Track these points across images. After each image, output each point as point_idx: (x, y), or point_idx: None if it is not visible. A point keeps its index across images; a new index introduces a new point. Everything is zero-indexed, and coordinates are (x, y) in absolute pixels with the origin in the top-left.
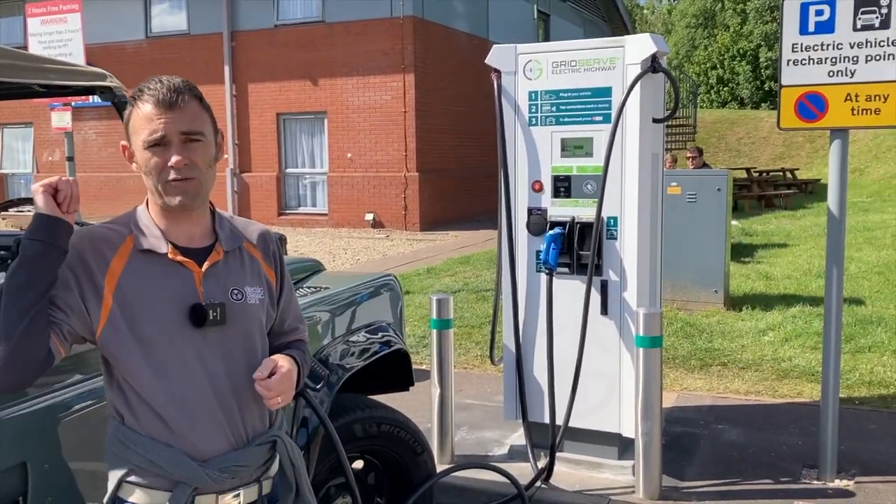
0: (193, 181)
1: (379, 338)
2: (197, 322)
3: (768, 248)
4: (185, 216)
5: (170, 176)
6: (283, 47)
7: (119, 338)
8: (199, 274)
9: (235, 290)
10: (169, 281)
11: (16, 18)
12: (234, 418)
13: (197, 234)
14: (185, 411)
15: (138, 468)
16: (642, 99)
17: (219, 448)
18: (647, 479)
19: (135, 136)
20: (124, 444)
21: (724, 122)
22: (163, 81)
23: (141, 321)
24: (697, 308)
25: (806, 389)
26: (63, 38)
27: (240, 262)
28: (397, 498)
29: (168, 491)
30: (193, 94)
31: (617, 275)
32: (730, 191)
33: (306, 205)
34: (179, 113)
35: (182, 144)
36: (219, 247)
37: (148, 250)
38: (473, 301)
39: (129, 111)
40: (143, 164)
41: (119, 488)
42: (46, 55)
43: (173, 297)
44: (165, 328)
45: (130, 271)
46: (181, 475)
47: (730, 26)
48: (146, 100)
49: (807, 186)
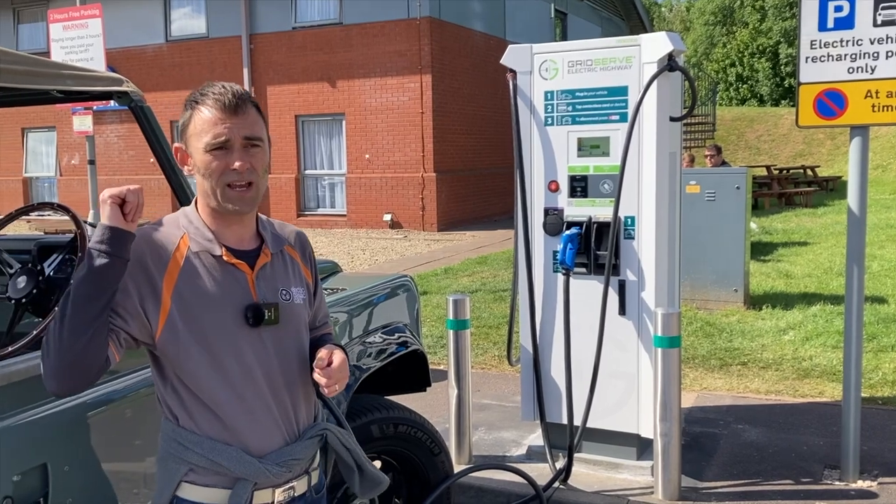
0: (252, 187)
1: (395, 338)
2: (254, 321)
3: (788, 247)
4: (237, 219)
5: (230, 179)
6: (301, 49)
7: (177, 339)
8: (251, 275)
9: (284, 291)
10: (224, 282)
11: (38, 24)
12: (288, 413)
13: (246, 237)
14: (243, 409)
15: (197, 467)
16: (659, 98)
17: (274, 443)
18: (665, 480)
19: (195, 138)
20: (182, 444)
21: (743, 119)
22: (226, 87)
23: (199, 322)
24: (717, 307)
25: (827, 389)
26: (84, 43)
27: (283, 264)
28: (415, 498)
29: (227, 488)
30: (252, 101)
31: (635, 274)
32: (749, 189)
33: (325, 206)
34: (242, 118)
35: (243, 149)
36: (266, 249)
37: (202, 252)
38: (491, 301)
39: (189, 114)
40: (204, 166)
41: (177, 488)
42: (68, 60)
43: (229, 297)
44: (223, 328)
45: (187, 273)
46: (242, 472)
47: (749, 23)
48: (210, 104)
49: (828, 184)
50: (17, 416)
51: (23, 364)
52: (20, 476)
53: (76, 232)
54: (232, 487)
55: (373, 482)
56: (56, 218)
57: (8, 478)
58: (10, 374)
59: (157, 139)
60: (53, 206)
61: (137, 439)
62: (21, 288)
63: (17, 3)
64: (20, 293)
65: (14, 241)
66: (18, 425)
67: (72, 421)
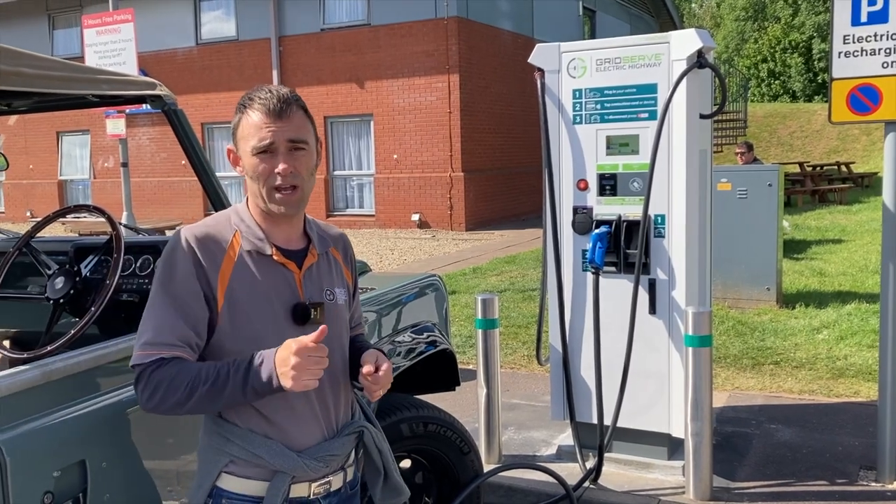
0: (297, 190)
1: (424, 338)
2: (300, 320)
3: (822, 244)
4: (286, 220)
5: (275, 182)
6: (330, 51)
7: (227, 335)
8: (298, 275)
9: (328, 291)
10: (273, 280)
11: (73, 30)
12: (328, 410)
13: (293, 237)
14: (286, 404)
15: (238, 459)
16: (689, 95)
17: (313, 438)
18: (697, 480)
19: (243, 141)
20: (224, 436)
21: (775, 116)
22: (272, 91)
23: (250, 319)
24: (749, 306)
25: (863, 389)
26: (117, 48)
27: (328, 265)
28: (445, 497)
29: (265, 480)
30: (299, 104)
31: (665, 273)
32: (781, 186)
33: (353, 206)
34: (287, 122)
35: (288, 153)
36: (313, 249)
37: (253, 251)
38: (519, 301)
39: (239, 118)
40: (251, 169)
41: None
42: (101, 64)
43: (277, 296)
44: (271, 326)
45: (238, 271)
46: (281, 465)
47: (780, 18)
48: (256, 108)
49: (863, 180)
50: (56, 413)
51: (61, 363)
52: (60, 472)
53: (111, 233)
54: (270, 480)
55: (394, 491)
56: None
57: (48, 474)
58: (50, 373)
59: (189, 141)
60: (90, 208)
61: (173, 437)
62: (59, 289)
63: (52, 9)
64: (58, 294)
65: (52, 242)
66: (58, 423)
67: (109, 418)
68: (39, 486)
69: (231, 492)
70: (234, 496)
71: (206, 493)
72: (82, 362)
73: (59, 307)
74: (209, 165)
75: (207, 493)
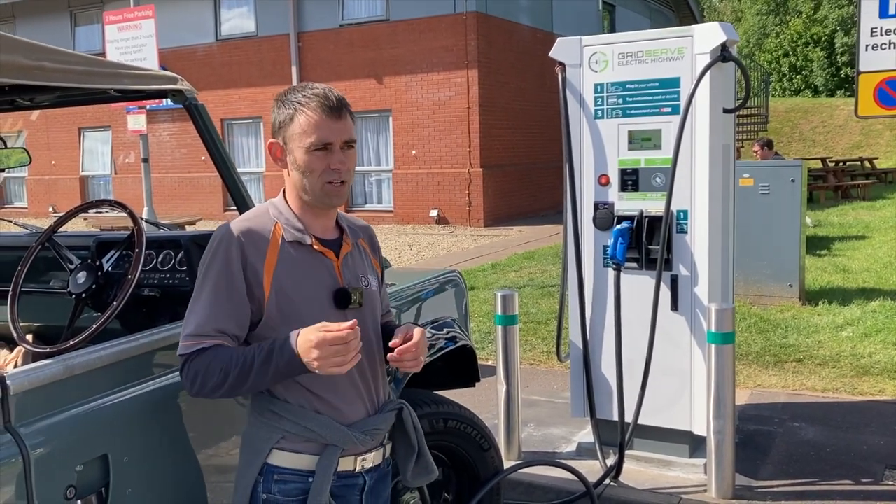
0: (345, 185)
1: (444, 334)
2: (342, 304)
3: (845, 241)
4: (324, 212)
5: (330, 178)
6: (349, 46)
7: (276, 322)
8: (337, 262)
9: (363, 277)
10: (314, 269)
11: (94, 27)
12: (370, 387)
13: (329, 228)
14: (331, 382)
15: (289, 434)
16: (712, 89)
17: (359, 414)
18: (719, 478)
19: (298, 138)
20: (277, 413)
21: (797, 110)
22: (329, 92)
23: (295, 305)
24: (772, 303)
25: (888, 387)
26: (138, 44)
27: (360, 254)
28: (465, 493)
29: (314, 454)
30: (349, 106)
31: (687, 269)
32: (804, 181)
33: (372, 202)
34: (343, 122)
35: (341, 151)
36: (347, 239)
37: (294, 241)
38: (539, 297)
39: (292, 114)
40: (305, 165)
41: (268, 455)
42: (122, 60)
43: (319, 283)
44: (316, 311)
45: (282, 261)
46: (332, 438)
47: (802, 12)
48: (316, 107)
49: (887, 175)
50: (78, 407)
51: (83, 357)
52: (82, 466)
53: (133, 228)
54: (320, 454)
55: (425, 470)
56: (112, 215)
57: (71, 467)
58: (72, 367)
59: (210, 136)
60: (111, 203)
61: (195, 431)
62: (81, 283)
63: (74, 6)
64: (80, 288)
65: (74, 237)
66: (80, 417)
67: (131, 413)
68: (62, 480)
69: (282, 467)
70: (285, 471)
71: (258, 471)
72: (104, 357)
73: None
74: (230, 160)
75: (258, 471)
